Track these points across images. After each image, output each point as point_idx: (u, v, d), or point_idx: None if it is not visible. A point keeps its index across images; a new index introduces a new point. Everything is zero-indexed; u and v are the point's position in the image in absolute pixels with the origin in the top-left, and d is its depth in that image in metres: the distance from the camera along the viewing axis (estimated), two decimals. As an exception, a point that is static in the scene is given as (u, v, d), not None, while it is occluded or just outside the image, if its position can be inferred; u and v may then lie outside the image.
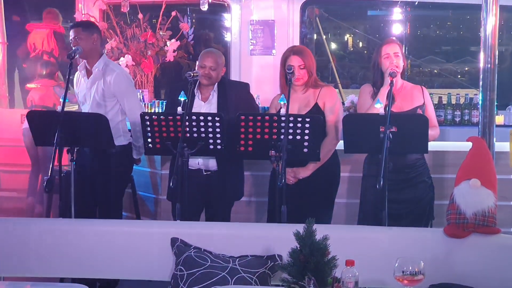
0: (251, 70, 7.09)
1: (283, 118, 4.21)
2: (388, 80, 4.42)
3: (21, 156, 7.27)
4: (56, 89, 7.60)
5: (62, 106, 4.46)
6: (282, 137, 4.17)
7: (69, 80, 4.63)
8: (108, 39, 6.99)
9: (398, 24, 7.67)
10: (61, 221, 4.25)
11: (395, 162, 4.24)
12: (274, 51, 6.96)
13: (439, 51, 16.08)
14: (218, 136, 4.35)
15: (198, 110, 4.68)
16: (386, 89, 4.46)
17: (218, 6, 7.33)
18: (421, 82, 4.49)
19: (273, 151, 4.23)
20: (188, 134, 4.32)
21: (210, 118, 4.32)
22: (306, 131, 4.24)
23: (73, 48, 4.86)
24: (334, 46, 13.76)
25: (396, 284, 2.83)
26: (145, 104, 6.64)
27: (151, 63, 6.97)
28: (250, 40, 7.06)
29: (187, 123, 4.31)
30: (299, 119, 4.23)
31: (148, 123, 4.37)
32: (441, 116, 5.84)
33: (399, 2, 7.20)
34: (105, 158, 4.88)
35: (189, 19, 7.15)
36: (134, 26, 7.04)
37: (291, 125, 4.22)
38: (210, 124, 4.32)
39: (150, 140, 4.41)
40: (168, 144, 4.34)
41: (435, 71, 14.77)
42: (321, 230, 2.93)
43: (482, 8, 4.11)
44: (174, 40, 7.00)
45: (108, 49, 6.93)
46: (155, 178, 5.81)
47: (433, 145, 4.54)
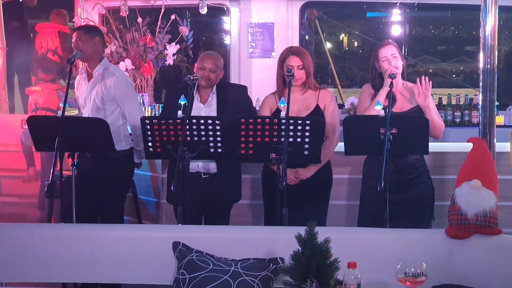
0: (251, 72, 7.09)
1: (284, 121, 4.21)
2: (387, 81, 4.42)
3: (21, 161, 7.28)
4: (59, 92, 7.63)
5: (62, 111, 4.46)
6: (282, 139, 4.17)
7: (69, 84, 4.64)
8: (107, 44, 6.99)
9: (397, 25, 7.68)
10: (62, 226, 4.24)
11: (395, 163, 4.24)
12: (274, 54, 6.96)
13: (434, 51, 16.08)
14: (219, 139, 4.35)
15: (197, 113, 4.68)
16: (385, 91, 4.46)
17: (217, 10, 7.35)
18: (413, 80, 4.52)
19: (273, 154, 4.23)
20: (188, 138, 4.32)
21: (210, 122, 4.32)
22: (307, 134, 4.24)
23: (74, 51, 4.88)
24: (331, 46, 13.77)
25: (398, 285, 2.84)
26: (145, 107, 6.66)
27: (151, 67, 6.97)
28: (250, 43, 7.07)
29: (187, 127, 4.31)
30: (300, 122, 4.23)
31: (148, 127, 4.36)
32: (441, 117, 5.83)
33: (398, 4, 7.21)
34: (106, 163, 4.87)
35: (188, 23, 7.15)
36: (133, 30, 7.05)
37: (292, 127, 4.22)
38: (210, 127, 4.32)
39: (150, 144, 4.41)
40: (168, 148, 4.33)
41: (430, 71, 14.78)
42: (322, 233, 2.94)
43: (481, 8, 4.10)
44: (173, 43, 7.02)
45: (107, 53, 6.94)
46: (156, 182, 5.81)
47: (433, 146, 4.54)
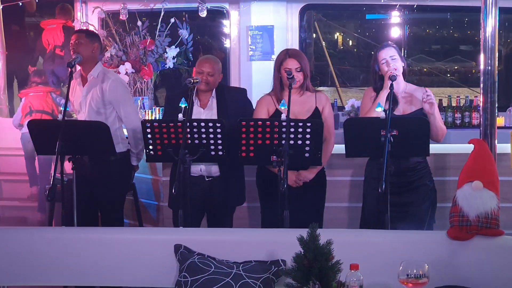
0: (251, 75, 7.09)
1: (284, 123, 4.21)
2: (387, 83, 4.42)
3: (22, 165, 7.28)
4: (53, 94, 7.56)
5: (63, 114, 4.46)
6: (283, 142, 4.17)
7: (69, 87, 4.64)
8: (107, 47, 7.00)
9: (396, 27, 7.68)
10: (63, 229, 4.25)
11: (397, 165, 4.24)
12: (273, 56, 6.93)
13: (429, 50, 16.07)
14: (220, 142, 4.35)
15: (198, 117, 4.67)
16: (385, 92, 4.46)
17: (217, 13, 7.35)
18: (410, 80, 4.54)
19: (274, 156, 4.23)
20: (189, 141, 4.32)
21: (211, 125, 4.32)
22: (307, 136, 4.24)
23: (72, 55, 4.90)
24: (332, 48, 13.79)
25: (400, 287, 2.84)
26: (145, 111, 6.65)
27: (151, 70, 6.98)
28: (249, 45, 7.07)
29: (188, 130, 4.31)
30: (300, 124, 4.23)
31: (149, 130, 4.36)
32: (442, 118, 5.84)
33: (398, 6, 7.21)
34: (104, 166, 4.89)
35: (188, 26, 7.16)
36: (133, 34, 7.05)
37: (292, 130, 4.22)
38: (211, 130, 4.32)
39: (151, 147, 4.41)
40: (169, 151, 4.33)
41: (425, 70, 14.77)
42: (324, 235, 2.94)
43: (481, 10, 4.10)
44: (173, 47, 7.02)
45: (107, 56, 6.95)
46: (157, 185, 5.81)
47: (434, 147, 4.54)
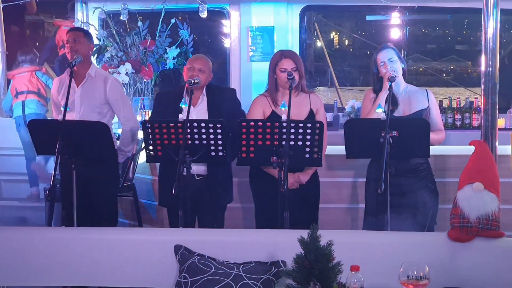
0: (251, 76, 7.09)
1: (285, 124, 4.20)
2: (387, 85, 4.42)
3: (21, 165, 7.27)
4: (39, 74, 7.50)
5: (63, 114, 4.46)
6: (283, 143, 4.16)
7: (70, 87, 4.63)
8: (107, 47, 7.00)
9: (396, 28, 7.67)
10: (63, 229, 4.25)
11: (397, 167, 4.23)
12: (274, 57, 6.95)
13: (425, 49, 16.08)
14: (220, 142, 4.34)
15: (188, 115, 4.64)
16: (385, 94, 4.46)
17: (217, 13, 7.35)
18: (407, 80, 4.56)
19: (274, 157, 4.22)
20: (189, 141, 4.32)
21: (211, 125, 4.32)
22: (308, 137, 4.24)
23: (68, 53, 4.93)
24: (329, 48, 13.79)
25: (401, 288, 2.83)
26: (145, 111, 6.65)
27: (151, 71, 6.97)
28: (250, 46, 7.07)
29: (189, 130, 4.30)
30: (300, 125, 4.23)
31: (149, 131, 4.35)
32: (442, 120, 5.83)
33: (398, 7, 7.21)
34: (98, 165, 4.82)
35: (188, 26, 7.16)
36: (133, 34, 7.05)
37: (292, 131, 4.22)
38: (211, 131, 4.32)
39: (151, 147, 4.40)
40: (169, 151, 4.32)
41: (420, 69, 14.77)
42: (325, 236, 2.93)
43: (483, 12, 4.10)
44: (173, 47, 7.02)
45: (107, 57, 6.94)
46: (157, 186, 5.78)
47: (435, 149, 4.53)
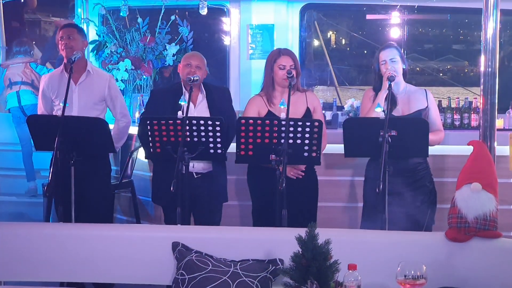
0: (250, 74, 7.08)
1: (283, 123, 4.20)
2: (386, 84, 4.43)
3: (18, 160, 7.27)
4: (33, 65, 7.47)
5: (62, 110, 4.45)
6: (282, 141, 4.17)
7: (69, 84, 4.62)
8: (107, 44, 7.00)
9: (396, 27, 7.68)
10: (61, 225, 4.24)
11: (396, 166, 4.23)
12: (274, 56, 6.95)
13: (422, 49, 16.07)
14: (219, 140, 4.34)
15: (189, 113, 4.62)
16: (384, 93, 4.47)
17: (217, 11, 7.35)
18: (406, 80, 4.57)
19: (273, 155, 4.22)
20: (188, 138, 4.31)
21: (210, 122, 4.32)
22: (306, 135, 4.24)
23: (61, 49, 4.95)
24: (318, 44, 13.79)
25: (398, 288, 2.84)
26: (144, 108, 6.64)
27: (150, 67, 6.97)
28: (250, 44, 7.06)
29: (188, 127, 4.30)
30: (299, 123, 4.23)
31: (148, 128, 4.35)
32: (441, 120, 5.84)
33: (398, 7, 7.22)
34: (92, 160, 4.80)
35: (188, 23, 7.15)
36: (133, 31, 7.05)
37: (291, 129, 4.22)
38: (210, 128, 4.32)
39: (150, 144, 4.39)
40: (168, 148, 4.32)
41: (418, 69, 14.77)
42: (323, 234, 2.93)
43: (483, 12, 4.10)
44: (173, 44, 7.02)
45: (107, 53, 6.94)
46: (154, 183, 5.79)
47: (433, 149, 4.54)
